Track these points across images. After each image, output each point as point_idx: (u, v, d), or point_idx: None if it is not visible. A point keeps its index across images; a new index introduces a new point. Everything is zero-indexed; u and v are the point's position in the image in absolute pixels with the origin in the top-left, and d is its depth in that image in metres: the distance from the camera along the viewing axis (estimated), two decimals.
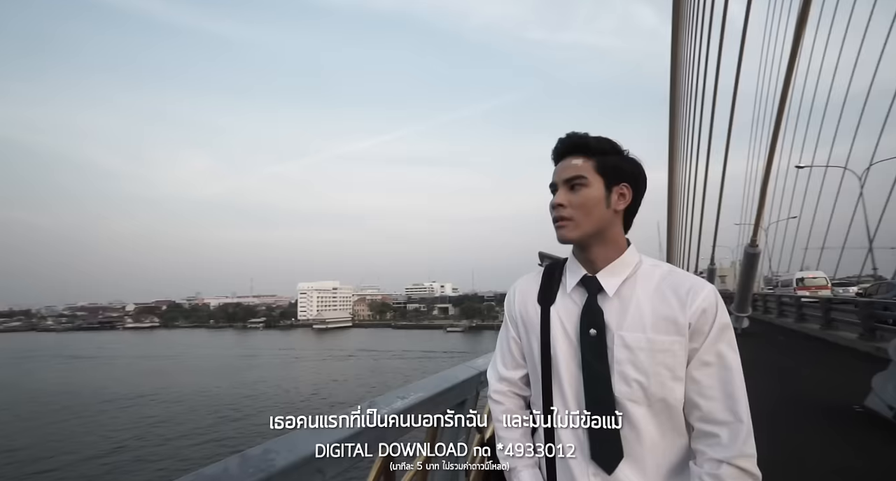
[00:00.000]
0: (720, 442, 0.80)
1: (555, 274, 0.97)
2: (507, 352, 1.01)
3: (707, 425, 0.82)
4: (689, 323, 0.82)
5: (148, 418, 21.51)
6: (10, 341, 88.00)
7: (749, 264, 10.88)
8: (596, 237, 0.90)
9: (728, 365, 0.82)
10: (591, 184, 0.89)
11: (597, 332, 0.86)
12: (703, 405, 0.82)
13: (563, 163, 0.92)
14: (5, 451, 16.37)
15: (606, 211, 0.90)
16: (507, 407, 0.99)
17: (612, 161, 0.91)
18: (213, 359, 46.94)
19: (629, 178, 0.92)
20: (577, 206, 0.89)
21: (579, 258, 0.94)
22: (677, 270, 0.89)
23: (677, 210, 39.49)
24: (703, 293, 0.83)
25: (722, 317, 0.84)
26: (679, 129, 33.68)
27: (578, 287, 0.91)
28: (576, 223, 0.89)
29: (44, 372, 38.85)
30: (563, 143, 0.93)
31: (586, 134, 0.93)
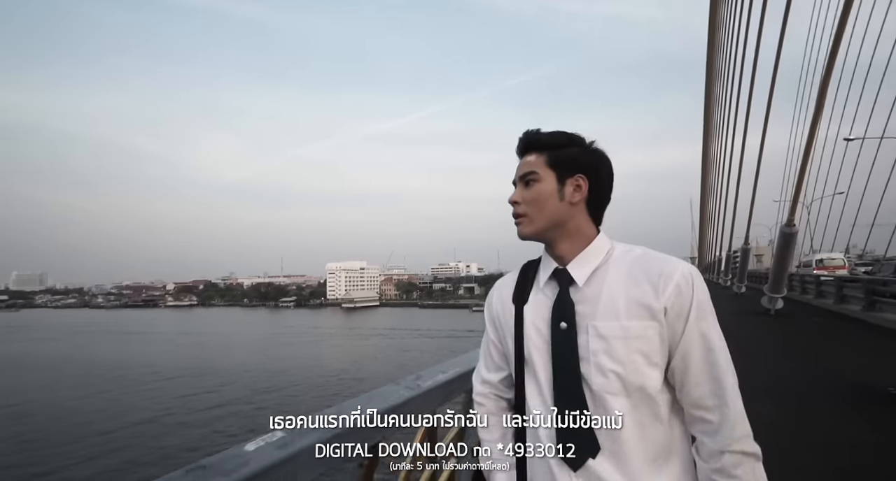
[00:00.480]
0: (714, 428, 0.80)
1: (530, 272, 0.96)
2: (488, 355, 1.01)
3: (699, 410, 0.81)
4: (665, 307, 0.80)
5: (190, 389, 23.08)
6: (69, 317, 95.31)
7: (785, 244, 10.52)
8: (555, 231, 0.89)
9: (712, 346, 0.81)
10: (542, 178, 0.89)
11: (567, 325, 0.85)
12: (693, 390, 0.81)
13: (521, 162, 0.93)
14: (81, 413, 18.14)
15: (560, 204, 0.89)
16: (487, 408, 1.00)
17: (567, 154, 0.90)
18: (252, 337, 49.33)
19: (586, 169, 0.90)
20: (530, 202, 0.89)
21: (550, 254, 0.93)
22: (651, 252, 0.87)
23: (711, 186, 37.99)
24: (678, 274, 0.81)
25: (699, 294, 0.81)
26: (715, 101, 32.03)
27: (550, 281, 0.91)
28: (529, 219, 0.89)
29: (105, 346, 42.05)
30: (520, 142, 0.94)
31: (538, 130, 0.93)
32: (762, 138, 15.12)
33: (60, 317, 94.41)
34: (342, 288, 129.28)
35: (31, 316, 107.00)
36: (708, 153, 40.95)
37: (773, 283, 10.97)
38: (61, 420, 17.74)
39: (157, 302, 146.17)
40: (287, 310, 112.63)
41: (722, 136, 27.10)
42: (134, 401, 20.92)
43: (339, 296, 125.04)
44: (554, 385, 0.85)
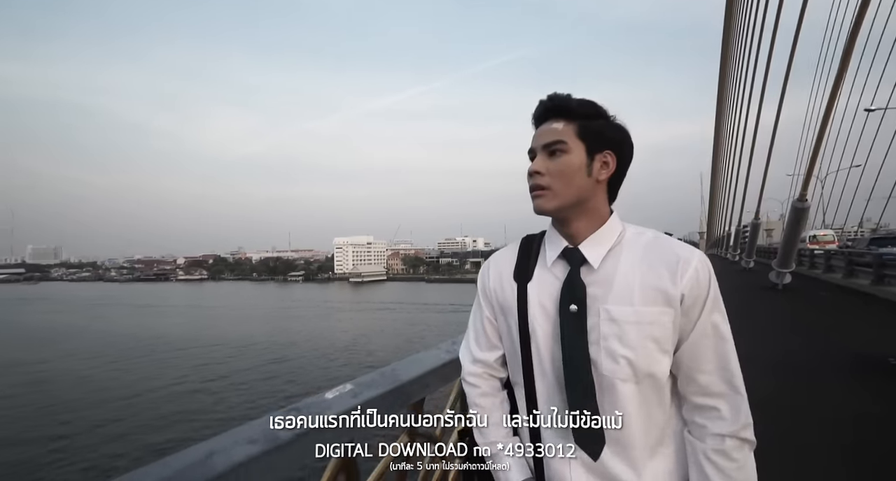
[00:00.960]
0: (721, 415, 0.79)
1: (532, 247, 0.90)
2: (482, 333, 0.94)
3: (705, 398, 0.80)
4: (682, 294, 0.77)
5: (205, 358, 23.87)
6: (84, 290, 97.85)
7: (795, 219, 10.39)
8: (575, 209, 0.84)
9: (723, 336, 0.80)
10: (571, 150, 0.82)
11: (578, 308, 0.81)
12: (701, 378, 0.80)
13: (542, 128, 0.85)
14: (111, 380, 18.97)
15: (587, 180, 0.83)
16: (482, 389, 0.94)
17: (596, 126, 0.84)
18: (262, 310, 50.37)
19: (613, 145, 0.84)
20: (556, 174, 0.82)
21: (559, 231, 0.88)
22: (663, 236, 0.84)
23: (722, 160, 37.20)
24: (695, 261, 0.78)
25: (714, 283, 0.80)
26: (730, 70, 30.91)
27: (559, 260, 0.85)
28: (553, 192, 0.82)
29: (122, 319, 43.27)
30: (542, 106, 0.85)
31: (569, 95, 0.85)
32: (778, 109, 14.66)
33: (76, 291, 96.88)
34: (349, 262, 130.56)
35: (49, 288, 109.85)
36: (721, 126, 39.91)
37: (782, 258, 10.91)
38: (89, 385, 18.58)
39: (168, 276, 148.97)
40: (295, 284, 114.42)
41: (736, 108, 26.33)
42: (151, 370, 21.72)
43: (346, 271, 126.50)
44: (564, 370, 0.81)
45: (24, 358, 24.46)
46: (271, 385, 18.84)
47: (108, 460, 12.09)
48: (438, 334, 29.53)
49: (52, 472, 11.51)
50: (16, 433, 13.63)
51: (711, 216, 53.49)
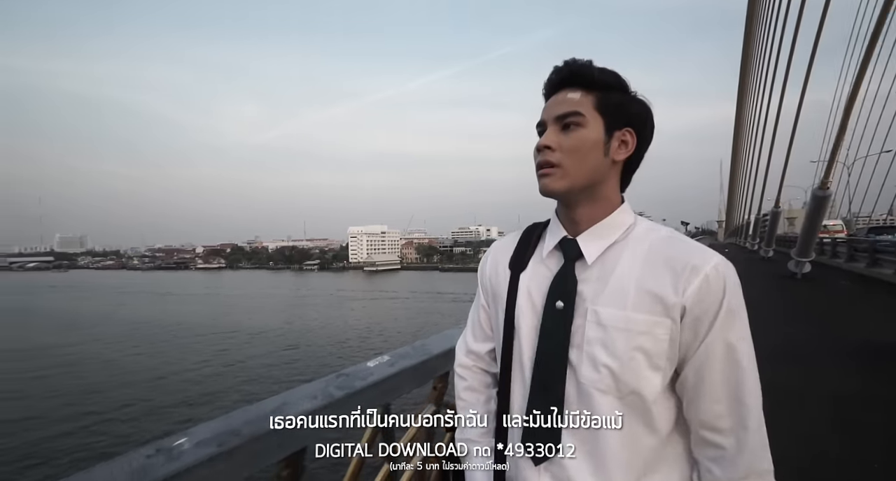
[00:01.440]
0: (725, 456, 0.68)
1: (533, 236, 0.84)
2: (477, 323, 0.89)
3: (708, 433, 0.69)
4: (684, 305, 0.67)
5: (224, 344, 24.70)
6: (109, 277, 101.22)
7: (816, 207, 10.20)
8: (586, 192, 0.75)
9: (738, 360, 0.67)
10: (588, 123, 0.72)
11: (564, 305, 0.73)
12: (706, 408, 0.68)
13: (556, 97, 0.75)
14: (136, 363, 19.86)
15: (604, 160, 0.74)
16: (469, 383, 0.89)
17: (618, 99, 0.74)
18: (280, 298, 51.45)
19: (635, 123, 0.75)
20: (569, 150, 0.72)
21: (561, 216, 0.80)
22: (679, 236, 0.73)
23: (743, 146, 36.21)
24: (708, 267, 0.67)
25: (732, 295, 0.67)
26: (753, 53, 29.88)
27: (555, 251, 0.78)
28: (564, 171, 0.73)
29: (146, 306, 44.83)
30: (558, 73, 0.75)
31: (590, 61, 0.75)
32: (802, 92, 14.26)
33: (102, 278, 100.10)
34: (364, 251, 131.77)
35: (78, 276, 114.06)
36: (742, 110, 38.76)
37: (801, 247, 10.75)
38: (118, 368, 19.45)
39: (187, 264, 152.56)
40: (311, 273, 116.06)
41: (758, 92, 25.57)
42: (174, 354, 22.59)
43: (360, 260, 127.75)
44: (533, 370, 0.75)
45: (56, 341, 25.64)
46: (290, 368, 19.47)
47: (152, 423, 12.87)
48: (452, 323, 29.80)
49: (91, 440, 12.25)
50: (51, 409, 14.45)
51: (731, 204, 52.33)
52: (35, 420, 13.65)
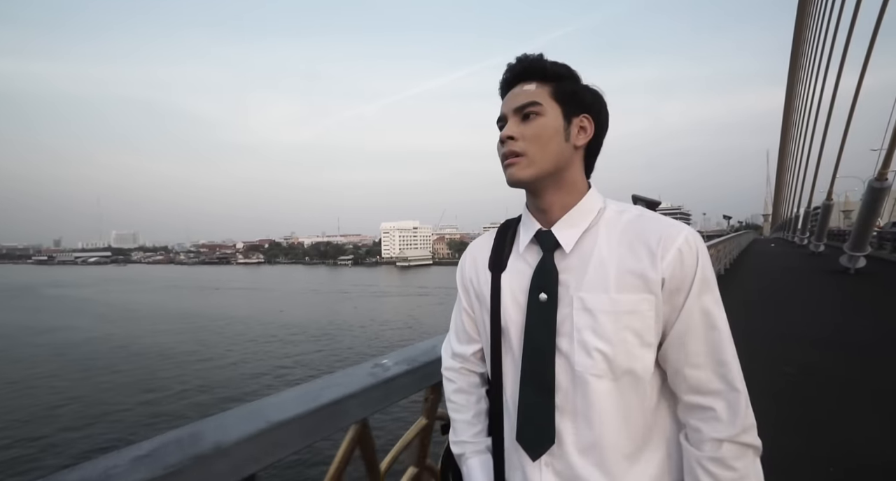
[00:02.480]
0: (717, 416, 0.69)
1: (508, 233, 0.85)
2: (460, 326, 0.90)
3: (698, 397, 0.71)
4: (663, 278, 0.69)
5: (266, 334, 26.12)
6: (160, 272, 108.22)
7: (872, 199, 9.76)
8: (552, 179, 0.77)
9: (715, 324, 0.70)
10: (546, 112, 0.76)
11: (548, 297, 0.74)
12: (692, 374, 0.71)
13: (513, 91, 0.78)
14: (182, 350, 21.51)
15: (565, 145, 0.76)
16: (458, 385, 0.90)
17: (571, 87, 0.78)
18: (319, 294, 53.27)
19: (590, 109, 0.78)
20: (531, 139, 0.75)
21: (531, 208, 0.81)
22: (648, 214, 0.76)
23: (792, 136, 34.32)
24: (680, 239, 0.70)
25: (704, 264, 0.71)
26: (805, 35, 28.18)
27: (532, 244, 0.79)
28: (529, 159, 0.75)
29: (196, 299, 47.86)
30: (512, 69, 0.79)
31: (541, 55, 0.79)
32: (861, 74, 13.34)
33: (154, 272, 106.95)
34: (396, 247, 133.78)
35: (134, 271, 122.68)
36: (792, 98, 36.67)
37: (855, 241, 10.34)
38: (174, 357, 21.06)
39: (229, 259, 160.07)
40: (345, 268, 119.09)
41: (810, 77, 24.22)
42: (224, 344, 24.12)
43: (393, 255, 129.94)
44: (522, 364, 0.76)
45: (121, 333, 27.87)
46: (331, 358, 20.47)
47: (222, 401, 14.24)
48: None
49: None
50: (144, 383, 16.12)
51: (778, 197, 49.74)
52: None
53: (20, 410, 13.90)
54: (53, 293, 56.09)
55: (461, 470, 0.87)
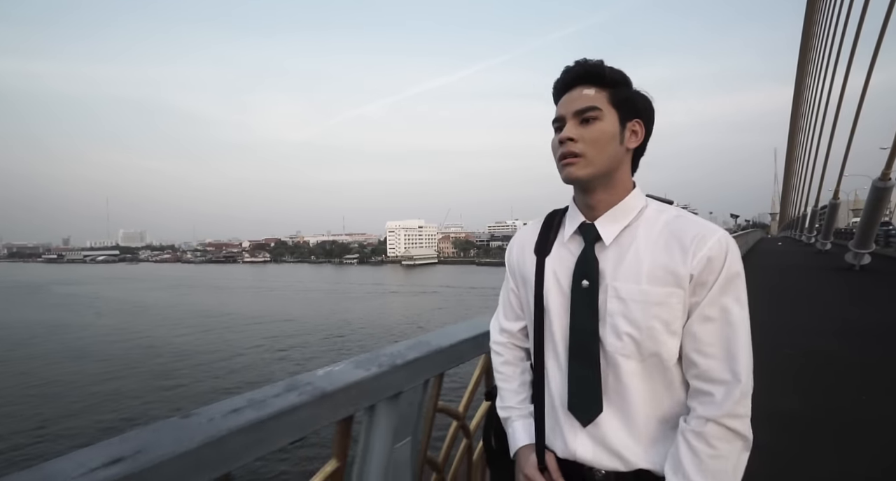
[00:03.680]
0: (713, 400, 0.75)
1: (554, 222, 0.92)
2: (508, 304, 0.99)
3: (703, 383, 0.77)
4: (691, 274, 0.75)
5: (275, 331, 26.61)
6: (168, 270, 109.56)
7: (876, 199, 9.97)
8: (604, 178, 0.83)
9: (732, 321, 0.76)
10: (604, 117, 0.81)
11: (589, 284, 0.82)
12: (701, 363, 0.77)
13: (571, 94, 0.83)
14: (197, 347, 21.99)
15: (619, 148, 0.82)
16: (505, 358, 0.99)
17: (627, 93, 0.83)
18: (323, 292, 53.75)
19: (642, 114, 0.84)
20: (590, 142, 0.80)
21: (579, 203, 0.88)
22: (686, 215, 0.82)
23: (801, 134, 34.15)
24: (711, 241, 0.76)
25: (731, 267, 0.76)
26: (814, 33, 28.02)
27: (576, 235, 0.87)
28: (587, 160, 0.81)
29: (203, 296, 48.43)
30: (571, 72, 0.83)
31: (601, 61, 0.83)
32: (868, 73, 13.36)
33: (163, 271, 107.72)
34: (401, 245, 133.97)
35: (143, 269, 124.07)
36: (800, 96, 36.51)
37: (860, 238, 10.54)
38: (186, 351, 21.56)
39: (235, 258, 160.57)
40: (351, 267, 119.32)
41: (818, 75, 24.18)
42: (232, 339, 24.62)
43: (398, 254, 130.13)
44: (570, 343, 0.84)
45: (140, 327, 28.48)
46: (336, 353, 20.92)
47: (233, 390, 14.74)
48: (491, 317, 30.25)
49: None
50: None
51: (785, 196, 49.52)
52: None
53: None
54: (83, 290, 56.97)
55: (507, 432, 0.96)
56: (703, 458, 0.73)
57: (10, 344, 24.13)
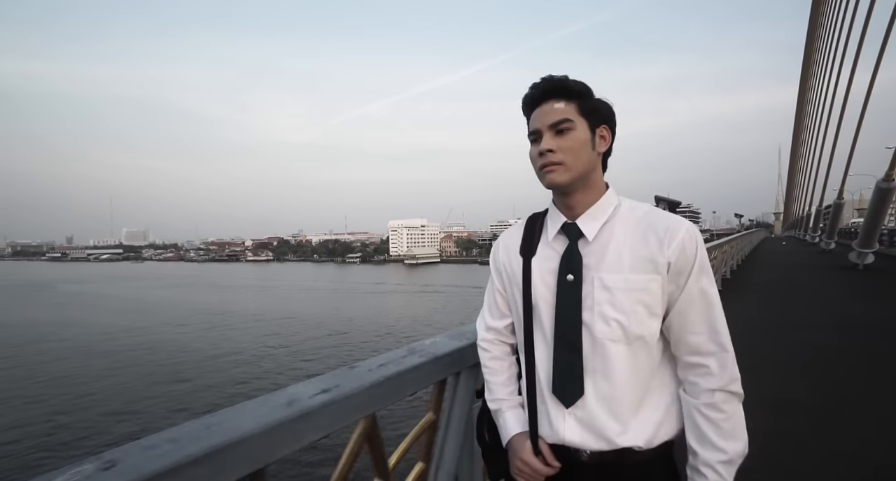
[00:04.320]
0: (710, 371, 0.86)
1: (536, 225, 0.99)
2: (493, 304, 1.05)
3: (695, 357, 0.87)
4: (669, 262, 0.85)
5: (277, 329, 26.88)
6: (172, 268, 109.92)
7: (880, 199, 10.07)
8: (581, 181, 0.91)
9: (710, 300, 0.87)
10: (577, 127, 0.89)
11: (574, 277, 0.89)
12: (691, 339, 0.87)
13: (543, 108, 0.91)
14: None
15: (592, 153, 0.91)
16: (493, 353, 1.05)
17: (592, 103, 0.92)
18: (326, 291, 53.96)
19: (608, 120, 0.93)
20: (567, 150, 0.88)
21: (559, 204, 0.95)
22: (656, 210, 0.92)
23: (805, 133, 34.06)
24: (682, 232, 0.86)
25: (701, 254, 0.87)
26: (819, 31, 27.85)
27: (559, 235, 0.93)
28: (566, 167, 0.89)
29: (206, 294, 48.76)
30: (539, 88, 0.91)
31: (565, 76, 0.91)
32: (874, 72, 13.42)
33: (166, 269, 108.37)
34: (404, 244, 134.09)
35: (147, 267, 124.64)
36: (805, 95, 36.41)
37: (864, 238, 10.66)
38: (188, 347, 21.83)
39: (238, 257, 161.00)
40: (353, 266, 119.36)
41: (824, 74, 24.10)
42: (237, 337, 24.86)
43: (401, 253, 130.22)
44: (555, 332, 0.91)
45: (147, 326, 28.76)
46: (340, 350, 21.15)
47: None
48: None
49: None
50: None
51: (789, 195, 49.38)
52: None
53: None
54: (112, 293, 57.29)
55: (497, 423, 1.03)
56: (720, 424, 0.85)
57: (24, 340, 24.48)
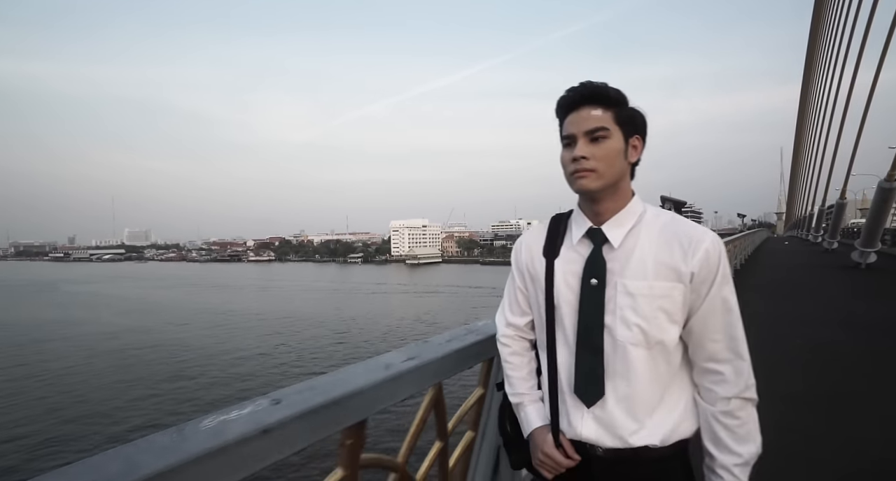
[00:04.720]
0: (725, 379, 0.88)
1: (560, 226, 1.00)
2: (514, 301, 1.06)
3: (712, 363, 0.89)
4: (692, 272, 0.86)
5: (280, 328, 27.04)
6: (174, 269, 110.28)
7: (882, 199, 10.16)
8: (611, 189, 0.91)
9: (730, 309, 0.88)
10: (612, 135, 0.89)
11: (598, 282, 0.90)
12: (710, 346, 0.89)
13: (579, 114, 0.90)
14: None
15: (624, 163, 0.91)
16: (513, 349, 1.07)
17: (629, 112, 0.92)
18: (331, 291, 54.00)
19: (641, 130, 0.93)
20: (601, 158, 0.88)
21: (585, 209, 0.96)
22: (679, 219, 0.92)
23: (807, 133, 34.05)
24: (706, 243, 0.86)
25: (724, 262, 0.88)
26: (822, 30, 27.77)
27: (584, 239, 0.94)
28: (598, 174, 0.89)
29: (210, 294, 48.96)
30: (577, 92, 0.91)
31: (605, 83, 0.91)
32: (877, 72, 13.37)
33: (168, 270, 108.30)
34: (405, 245, 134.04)
35: (150, 267, 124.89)
36: (807, 95, 36.39)
37: (866, 237, 10.74)
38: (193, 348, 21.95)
39: (240, 257, 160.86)
40: (355, 266, 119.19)
41: (826, 74, 24.07)
42: (243, 336, 24.98)
43: (402, 253, 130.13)
44: (578, 334, 0.93)
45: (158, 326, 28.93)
46: (344, 348, 21.34)
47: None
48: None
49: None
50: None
51: (792, 195, 49.43)
52: None
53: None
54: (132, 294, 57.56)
55: (518, 416, 1.06)
56: (735, 429, 0.89)
57: (26, 340, 24.62)
